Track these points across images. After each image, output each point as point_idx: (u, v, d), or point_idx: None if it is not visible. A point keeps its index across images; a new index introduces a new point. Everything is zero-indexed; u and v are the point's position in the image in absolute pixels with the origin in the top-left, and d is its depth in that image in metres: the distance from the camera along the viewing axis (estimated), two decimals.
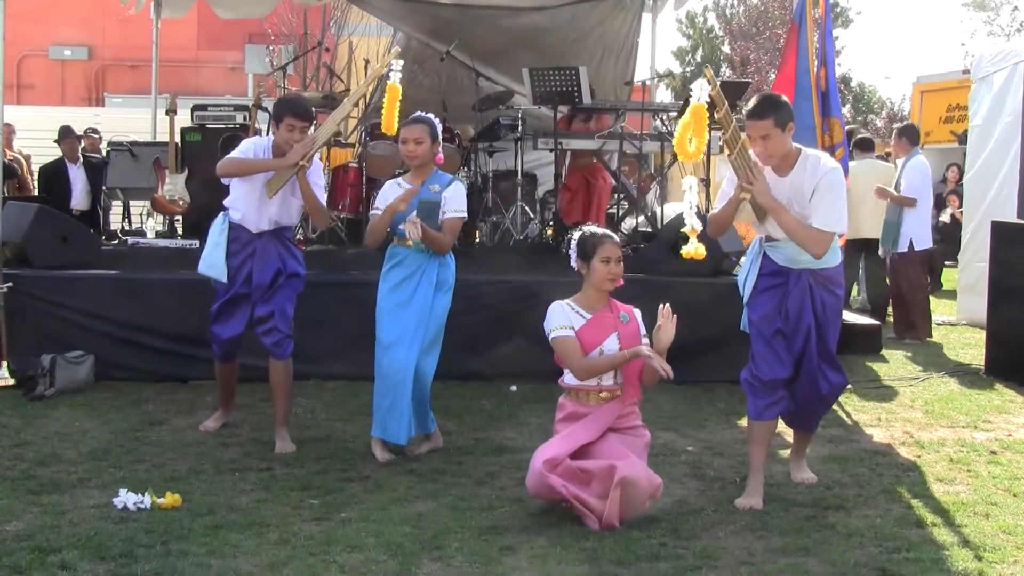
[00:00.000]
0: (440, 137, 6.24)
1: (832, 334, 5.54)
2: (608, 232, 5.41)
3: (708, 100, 5.17)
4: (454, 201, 6.14)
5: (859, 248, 11.45)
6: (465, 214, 6.23)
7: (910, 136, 10.96)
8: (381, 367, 6.07)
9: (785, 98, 5.51)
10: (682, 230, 5.33)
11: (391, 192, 6.19)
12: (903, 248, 10.60)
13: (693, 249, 5.32)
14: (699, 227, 5.29)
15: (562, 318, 5.25)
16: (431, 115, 6.25)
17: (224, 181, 6.40)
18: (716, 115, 5.38)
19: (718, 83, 5.26)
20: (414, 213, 5.98)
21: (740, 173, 5.29)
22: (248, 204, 6.32)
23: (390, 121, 6.32)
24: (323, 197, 6.44)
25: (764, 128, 5.22)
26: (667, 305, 5.19)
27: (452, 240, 6.17)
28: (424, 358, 6.08)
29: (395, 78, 6.32)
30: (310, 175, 6.27)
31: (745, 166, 5.27)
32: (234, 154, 6.32)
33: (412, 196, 6.01)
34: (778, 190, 5.32)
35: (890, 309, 11.31)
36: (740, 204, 5.36)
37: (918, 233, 10.65)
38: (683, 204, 5.33)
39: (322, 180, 6.49)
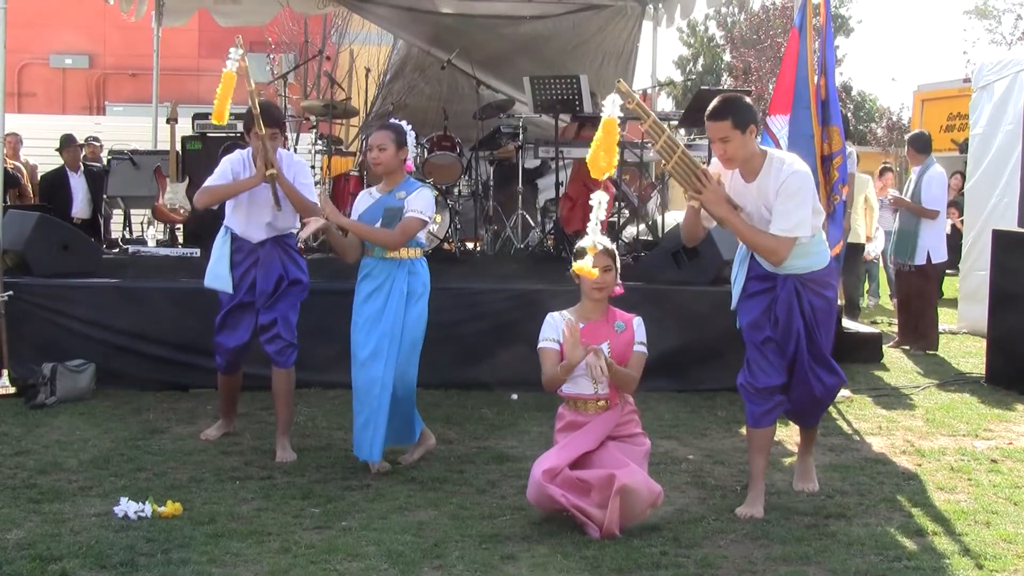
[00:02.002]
0: (408, 143, 6.13)
1: (824, 336, 5.47)
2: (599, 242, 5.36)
3: (621, 115, 5.05)
4: (414, 203, 6.01)
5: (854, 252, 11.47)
6: (424, 216, 6.03)
7: (918, 145, 10.65)
8: (357, 384, 6.00)
9: (747, 100, 5.34)
10: (580, 244, 5.19)
11: (362, 201, 6.17)
12: (921, 261, 10.34)
13: (585, 266, 5.11)
14: (600, 246, 5.13)
15: (551, 330, 5.26)
16: (402, 122, 6.20)
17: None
18: (643, 127, 5.24)
19: (636, 96, 5.11)
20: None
21: (683, 182, 5.17)
22: (239, 217, 6.37)
23: (220, 110, 6.09)
24: (312, 194, 6.38)
25: (722, 129, 5.11)
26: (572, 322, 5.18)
27: (403, 239, 5.97)
28: (403, 371, 5.99)
29: (231, 67, 6.14)
30: (296, 175, 6.30)
31: (690, 174, 5.14)
32: (208, 181, 6.36)
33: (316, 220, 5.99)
34: (746, 196, 5.24)
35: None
36: (697, 211, 5.24)
37: (935, 246, 10.43)
38: (591, 223, 5.17)
39: (309, 178, 6.48)
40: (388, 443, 6.04)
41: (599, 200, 5.15)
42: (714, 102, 5.21)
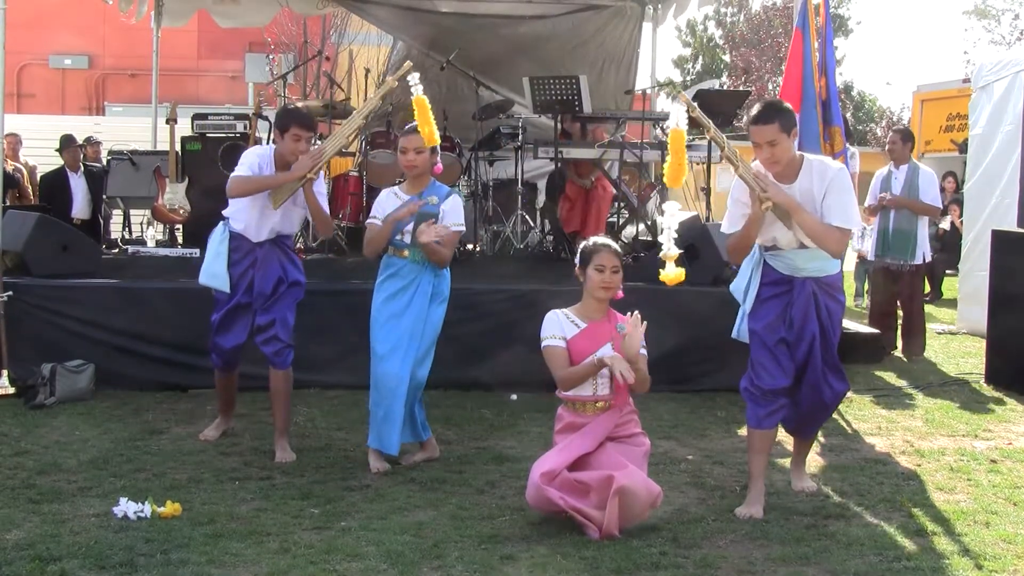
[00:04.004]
0: (439, 147, 6.20)
1: (835, 340, 5.53)
2: (608, 242, 5.37)
3: (687, 125, 5.13)
4: (453, 214, 6.09)
5: None
6: (463, 227, 6.18)
7: (913, 142, 10.49)
8: (376, 378, 6.06)
9: (789, 104, 5.47)
10: (660, 255, 5.23)
11: (388, 201, 6.16)
12: (919, 260, 10.15)
13: (672, 274, 5.19)
14: (676, 252, 5.19)
15: (554, 327, 5.25)
16: None
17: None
18: (708, 135, 5.34)
19: (696, 106, 5.21)
20: (433, 219, 5.95)
21: (751, 187, 5.25)
22: (250, 215, 6.31)
23: (431, 132, 6.05)
24: (326, 206, 6.43)
25: (770, 133, 5.18)
26: (636, 312, 5.15)
27: (451, 254, 6.13)
28: (418, 369, 6.05)
29: (417, 91, 6.10)
30: (315, 185, 6.28)
31: (751, 177, 5.25)
32: (240, 171, 6.22)
33: (416, 209, 5.97)
34: None
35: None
36: (763, 217, 5.27)
37: (926, 246, 10.25)
38: (664, 232, 5.22)
39: (324, 188, 6.49)
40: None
41: (670, 210, 5.19)
42: (758, 107, 5.28)
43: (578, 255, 5.36)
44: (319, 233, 6.41)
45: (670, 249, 5.19)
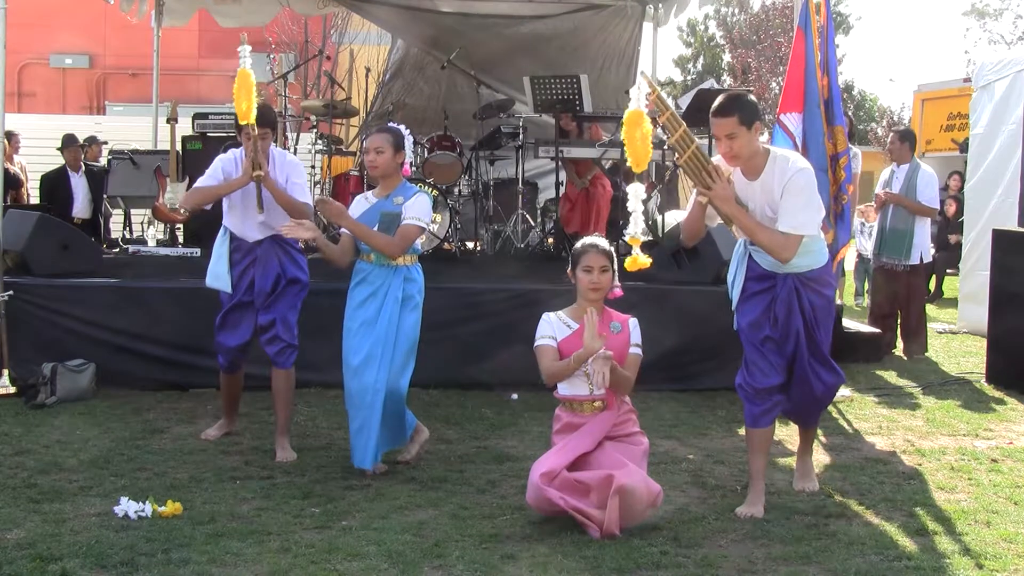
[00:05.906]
0: (406, 147, 6.09)
1: (823, 334, 5.48)
2: (595, 242, 5.31)
3: (647, 106, 5.03)
4: (412, 209, 5.95)
5: None
6: (423, 223, 5.98)
7: (912, 142, 10.45)
8: (350, 392, 5.93)
9: (752, 97, 5.35)
10: (625, 238, 5.15)
11: (357, 206, 6.11)
12: (915, 260, 10.07)
13: (639, 259, 5.07)
14: (642, 237, 5.12)
15: (546, 329, 5.26)
16: (400, 126, 6.18)
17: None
18: (660, 120, 5.16)
19: (658, 88, 5.12)
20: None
21: (694, 178, 5.18)
22: (235, 216, 6.38)
23: (247, 110, 6.16)
24: (304, 194, 6.35)
25: (728, 126, 5.11)
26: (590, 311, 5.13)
27: (403, 245, 5.93)
28: (397, 379, 5.90)
29: (245, 64, 6.20)
30: (288, 175, 6.32)
31: (701, 170, 5.15)
32: (199, 181, 6.40)
33: (303, 221, 5.98)
34: (749, 195, 5.25)
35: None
36: (706, 208, 5.25)
37: (926, 246, 10.20)
38: (632, 215, 5.10)
39: (302, 178, 6.43)
40: (383, 448, 6.00)
41: (635, 192, 5.10)
42: (720, 98, 5.21)
43: (570, 257, 5.35)
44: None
45: (635, 232, 5.08)
